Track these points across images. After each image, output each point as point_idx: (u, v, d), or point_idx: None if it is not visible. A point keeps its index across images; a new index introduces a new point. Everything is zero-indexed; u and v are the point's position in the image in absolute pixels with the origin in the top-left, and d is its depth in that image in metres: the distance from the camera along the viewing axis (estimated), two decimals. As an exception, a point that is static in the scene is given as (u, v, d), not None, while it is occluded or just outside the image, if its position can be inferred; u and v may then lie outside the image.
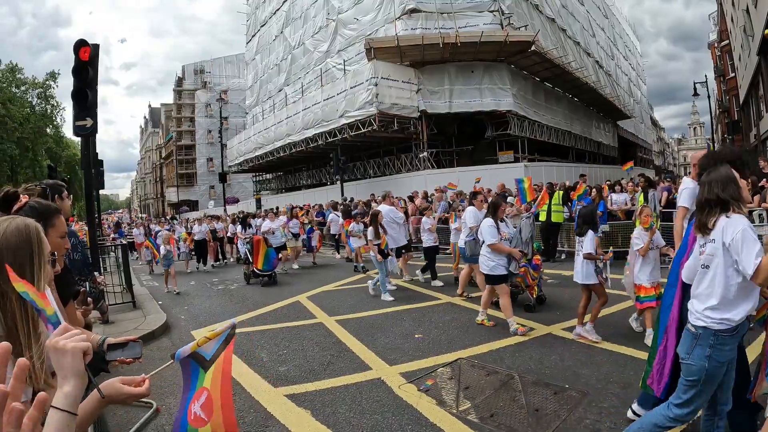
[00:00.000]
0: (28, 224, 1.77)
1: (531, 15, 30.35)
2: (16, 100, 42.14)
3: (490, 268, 7.87)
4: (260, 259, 14.32)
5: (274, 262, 14.63)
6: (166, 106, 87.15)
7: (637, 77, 58.76)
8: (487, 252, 7.90)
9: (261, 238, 14.88)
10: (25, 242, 1.72)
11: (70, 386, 1.42)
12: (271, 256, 14.52)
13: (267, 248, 14.59)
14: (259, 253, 14.37)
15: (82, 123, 8.86)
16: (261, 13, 45.32)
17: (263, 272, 14.36)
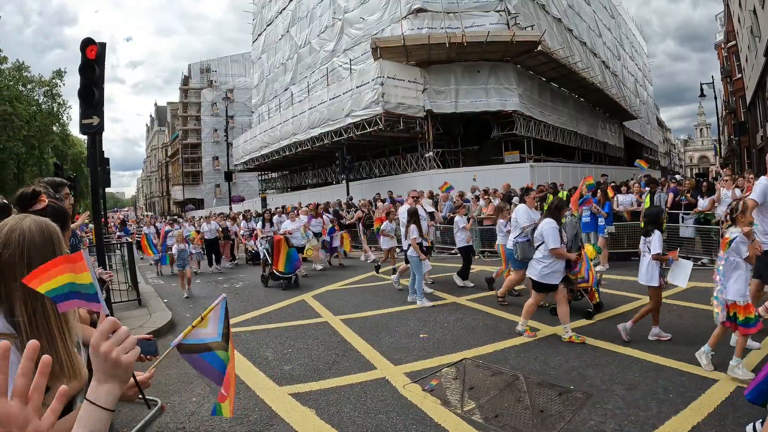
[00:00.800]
0: (49, 224, 1.77)
1: (537, 15, 30.28)
2: (22, 99, 42.16)
3: (541, 275, 7.21)
4: (281, 260, 13.24)
5: (297, 263, 13.51)
6: (172, 105, 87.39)
7: (643, 78, 58.59)
8: (543, 256, 7.19)
9: (282, 237, 13.70)
10: (49, 242, 1.72)
11: (114, 387, 1.40)
12: (293, 257, 13.37)
13: (289, 248, 13.43)
14: (279, 254, 13.28)
15: (89, 121, 8.86)
16: (267, 12, 45.39)
17: (284, 275, 13.26)
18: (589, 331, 7.49)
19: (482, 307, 9.49)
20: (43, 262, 1.64)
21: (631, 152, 53.04)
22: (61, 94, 46.26)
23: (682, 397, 5.00)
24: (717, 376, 5.43)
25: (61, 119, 47.36)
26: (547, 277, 7.19)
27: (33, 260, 1.65)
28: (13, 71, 42.38)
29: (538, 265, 7.27)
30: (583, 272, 8.12)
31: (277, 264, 13.29)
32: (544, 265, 7.19)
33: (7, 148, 39.72)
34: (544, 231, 7.20)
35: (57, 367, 1.60)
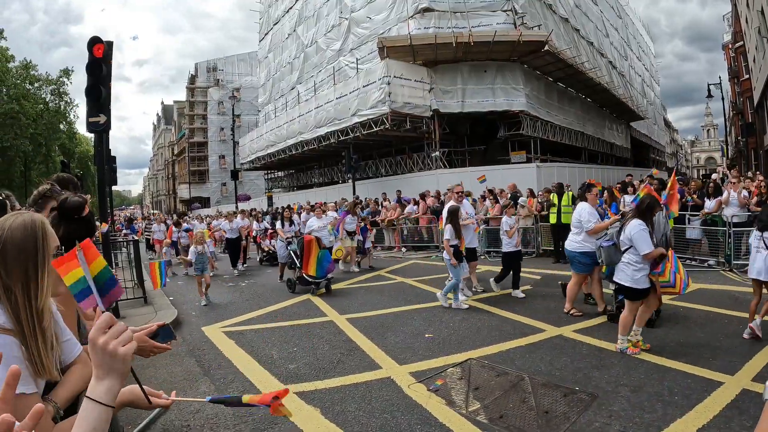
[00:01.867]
0: (34, 219, 1.77)
1: (544, 15, 30.23)
2: (29, 97, 42.36)
3: (635, 280, 6.47)
4: (312, 263, 11.95)
5: (329, 267, 12.14)
6: (179, 104, 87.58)
7: (650, 78, 58.44)
8: (634, 260, 6.49)
9: (313, 237, 12.52)
10: (30, 237, 1.72)
11: (114, 382, 1.41)
12: (326, 259, 12.11)
13: (320, 250, 12.20)
14: (310, 256, 12.03)
15: (96, 119, 8.90)
16: (274, 11, 45.47)
17: (315, 279, 11.90)
18: (595, 332, 7.47)
19: (487, 308, 9.48)
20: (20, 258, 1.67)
21: (637, 153, 52.94)
22: (68, 93, 46.46)
23: (688, 399, 4.98)
24: (723, 379, 5.41)
25: (68, 117, 47.55)
26: (641, 281, 6.48)
27: (8, 255, 1.68)
28: (21, 70, 42.58)
29: (629, 269, 6.55)
30: (668, 275, 6.84)
31: (307, 267, 12.00)
32: (636, 269, 6.48)
33: (14, 146, 39.92)
34: (633, 234, 6.46)
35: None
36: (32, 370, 1.64)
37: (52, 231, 1.80)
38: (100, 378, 1.39)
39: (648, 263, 6.47)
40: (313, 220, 14.40)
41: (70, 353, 1.92)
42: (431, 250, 18.80)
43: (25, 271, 1.69)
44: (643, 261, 6.43)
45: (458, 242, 9.73)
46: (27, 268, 1.69)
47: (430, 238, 19.41)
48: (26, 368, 1.62)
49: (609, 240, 7.26)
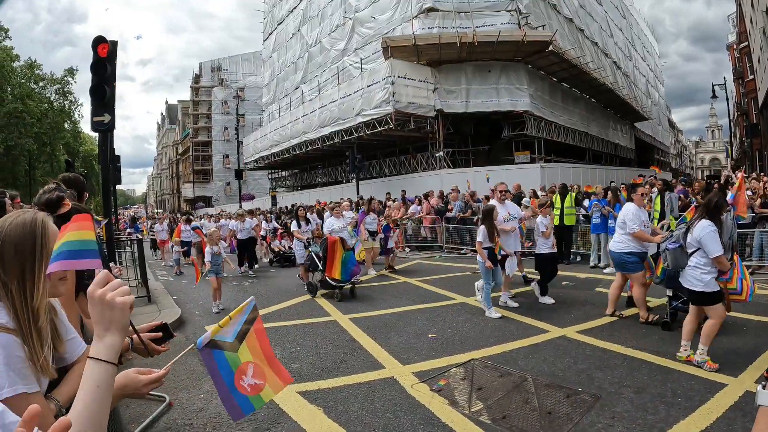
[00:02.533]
0: (35, 218, 1.78)
1: (549, 15, 30.20)
2: (34, 96, 42.53)
3: (705, 283, 6.04)
4: (336, 266, 11.23)
5: (355, 269, 11.47)
6: (183, 103, 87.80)
7: (654, 78, 58.35)
8: (703, 263, 6.07)
9: (338, 238, 11.71)
10: (29, 235, 1.73)
11: (115, 338, 1.43)
12: (351, 262, 11.42)
13: (345, 251, 11.47)
14: (335, 258, 11.28)
15: (100, 119, 8.92)
16: (278, 11, 45.52)
17: (340, 283, 11.16)
18: (598, 333, 7.46)
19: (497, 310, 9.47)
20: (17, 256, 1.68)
21: (642, 153, 52.86)
22: (73, 92, 46.59)
23: (691, 401, 4.97)
24: (726, 381, 5.40)
25: (72, 116, 47.68)
26: (711, 283, 6.04)
27: (5, 253, 1.70)
28: (25, 69, 42.75)
29: (697, 272, 6.13)
30: (735, 282, 6.44)
31: (331, 270, 11.23)
32: (705, 272, 6.05)
33: (19, 145, 40.05)
34: (702, 236, 6.06)
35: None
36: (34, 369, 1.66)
37: (54, 230, 1.81)
38: (100, 336, 1.42)
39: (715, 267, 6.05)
40: (333, 220, 13.27)
41: (74, 351, 1.93)
42: (435, 250, 18.81)
43: (22, 270, 1.70)
44: (711, 264, 6.05)
45: (492, 245, 9.04)
46: (24, 267, 1.70)
47: (434, 238, 19.42)
48: (29, 367, 1.63)
49: (675, 242, 6.71)
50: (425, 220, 19.68)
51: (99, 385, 1.37)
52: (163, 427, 5.09)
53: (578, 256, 15.04)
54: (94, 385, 1.37)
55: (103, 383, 1.38)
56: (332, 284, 11.18)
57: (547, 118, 30.74)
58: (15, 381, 1.57)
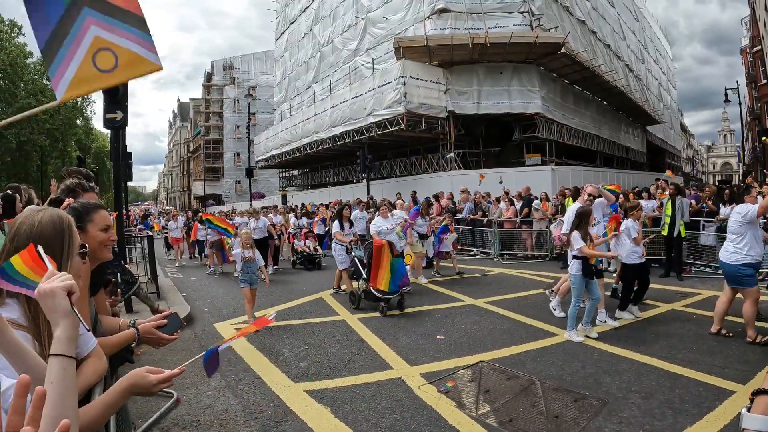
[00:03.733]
0: (62, 216, 1.82)
1: (561, 17, 30.08)
2: (47, 92, 42.83)
3: None
4: (383, 275, 9.65)
5: (404, 279, 9.87)
6: (195, 101, 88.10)
7: (667, 82, 58.05)
8: None
9: (385, 242, 10.10)
10: (59, 233, 1.77)
11: (60, 329, 1.47)
12: (400, 270, 9.81)
13: (393, 257, 9.88)
14: (381, 265, 9.73)
15: (113, 116, 8.98)
16: (290, 10, 45.59)
17: (387, 294, 9.56)
18: (606, 337, 7.44)
19: (500, 310, 9.45)
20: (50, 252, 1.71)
21: (653, 157, 52.60)
22: (86, 89, 46.82)
23: (699, 407, 4.95)
24: (735, 388, 5.37)
25: (84, 113, 48.03)
26: None
27: None
28: (39, 65, 43.06)
29: None
30: None
31: (376, 279, 9.69)
32: None
33: (31, 141, 40.43)
34: None
35: None
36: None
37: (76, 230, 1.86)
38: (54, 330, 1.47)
39: None
40: (380, 220, 11.63)
41: (85, 347, 1.95)
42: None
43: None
44: None
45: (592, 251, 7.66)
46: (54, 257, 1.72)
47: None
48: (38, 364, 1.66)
49: None
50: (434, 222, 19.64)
51: (52, 381, 1.40)
52: (171, 423, 5.11)
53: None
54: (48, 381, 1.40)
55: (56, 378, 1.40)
56: (377, 296, 9.62)
57: (559, 120, 30.62)
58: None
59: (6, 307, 1.70)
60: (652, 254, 13.53)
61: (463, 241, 18.24)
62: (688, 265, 12.89)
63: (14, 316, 1.68)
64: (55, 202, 2.82)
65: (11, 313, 1.68)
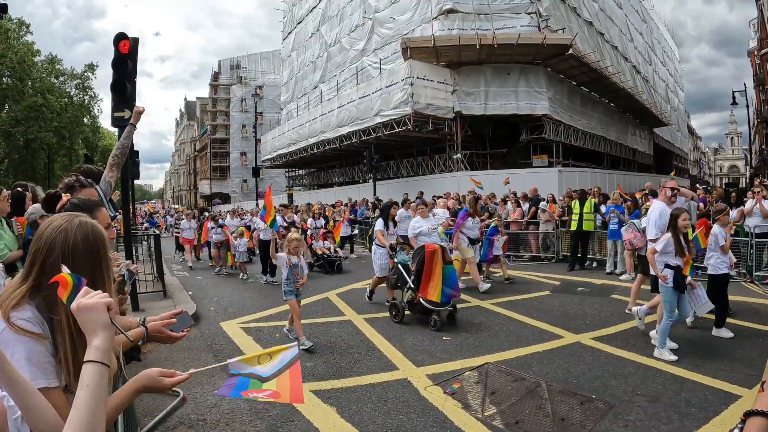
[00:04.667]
0: (95, 230, 1.84)
1: (569, 18, 30.03)
2: (54, 91, 43.14)
3: None
4: (436, 284, 8.53)
5: (456, 289, 8.81)
6: (202, 100, 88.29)
7: (674, 84, 57.83)
8: None
9: (438, 247, 8.94)
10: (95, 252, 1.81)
11: (100, 339, 1.51)
12: (452, 278, 8.76)
13: (446, 264, 8.78)
14: (434, 274, 8.63)
15: (121, 114, 9.01)
16: (298, 10, 45.66)
17: (438, 306, 8.49)
18: (613, 340, 7.42)
19: (506, 312, 9.44)
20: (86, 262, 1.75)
21: (660, 160, 52.43)
22: (93, 87, 47.13)
23: (705, 411, 4.94)
24: (741, 392, 5.35)
25: (92, 111, 48.24)
26: None
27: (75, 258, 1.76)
28: (46, 64, 43.35)
29: None
30: None
31: (426, 289, 8.59)
32: None
33: (39, 138, 40.64)
34: None
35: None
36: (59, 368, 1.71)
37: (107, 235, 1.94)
38: (89, 342, 1.51)
39: None
40: (419, 220, 10.36)
41: None
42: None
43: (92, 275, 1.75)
44: None
45: (681, 261, 6.70)
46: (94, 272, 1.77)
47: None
48: (51, 363, 1.70)
49: None
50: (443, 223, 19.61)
51: (88, 384, 1.44)
52: (177, 422, 5.13)
53: (594, 262, 14.97)
54: (84, 385, 1.44)
55: (92, 382, 1.45)
56: (428, 308, 8.50)
57: (566, 122, 30.54)
58: (36, 375, 1.63)
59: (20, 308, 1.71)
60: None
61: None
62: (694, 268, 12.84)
63: (26, 316, 1.70)
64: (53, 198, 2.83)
65: (22, 314, 1.70)
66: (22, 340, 1.65)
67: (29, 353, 1.65)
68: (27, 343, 1.65)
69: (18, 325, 1.66)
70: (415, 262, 9.03)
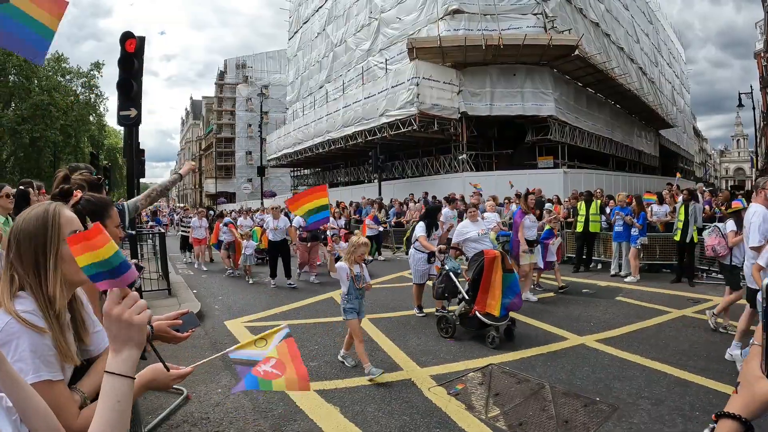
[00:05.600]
0: (47, 208, 1.84)
1: (575, 19, 29.98)
2: (61, 89, 43.31)
3: None
4: (496, 296, 7.56)
5: (516, 300, 7.76)
6: (207, 99, 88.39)
7: (680, 85, 57.64)
8: None
9: (498, 253, 7.91)
10: (41, 227, 1.80)
11: (131, 352, 1.44)
12: (513, 287, 7.81)
13: (506, 273, 7.78)
14: (494, 284, 7.64)
15: (127, 113, 9.03)
16: (304, 10, 45.70)
17: (497, 321, 7.49)
18: (617, 342, 7.41)
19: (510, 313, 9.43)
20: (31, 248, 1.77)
21: (666, 161, 52.29)
22: (99, 86, 47.30)
23: (709, 415, 4.90)
24: (747, 394, 5.32)
25: (97, 110, 48.41)
26: None
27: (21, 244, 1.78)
28: (53, 62, 43.49)
29: None
30: None
31: (483, 302, 7.62)
32: None
33: (44, 137, 40.80)
34: None
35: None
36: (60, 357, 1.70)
37: (68, 218, 1.87)
38: (117, 351, 1.43)
39: None
40: (467, 224, 9.27)
41: (99, 344, 1.96)
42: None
43: (35, 260, 1.77)
44: None
45: None
46: (37, 257, 1.77)
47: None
48: (54, 355, 1.70)
49: None
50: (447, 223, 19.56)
51: (120, 400, 1.39)
52: (180, 420, 5.14)
53: (599, 264, 14.96)
54: (115, 401, 1.39)
55: (123, 398, 1.40)
56: (485, 322, 7.49)
57: (572, 123, 30.46)
58: (39, 368, 1.63)
59: (19, 299, 1.72)
60: (664, 259, 13.57)
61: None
62: (699, 271, 12.83)
63: (29, 308, 1.70)
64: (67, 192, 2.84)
65: (25, 305, 1.70)
66: (27, 333, 1.65)
67: (34, 345, 1.64)
68: (32, 335, 1.65)
69: (23, 318, 1.66)
70: (472, 270, 7.98)
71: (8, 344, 1.62)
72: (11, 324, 1.64)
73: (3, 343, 1.62)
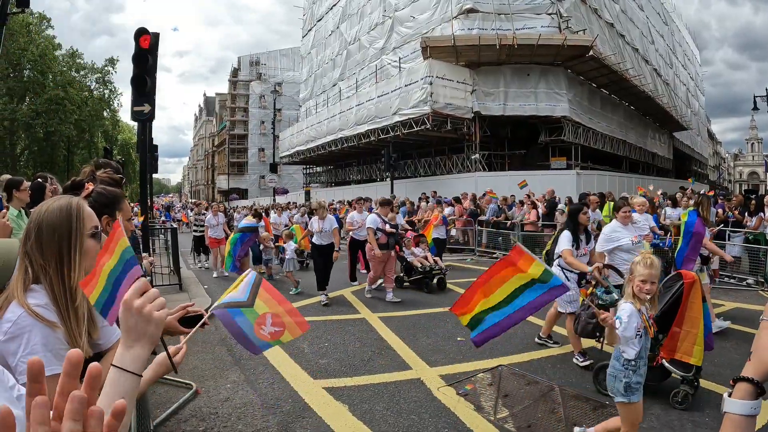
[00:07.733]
0: (70, 201, 1.85)
1: (590, 19, 29.77)
2: (75, 84, 43.68)
3: None
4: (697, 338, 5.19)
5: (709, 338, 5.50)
6: (221, 96, 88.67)
7: (695, 87, 57.21)
8: None
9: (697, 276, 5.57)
10: (65, 219, 1.80)
11: (143, 350, 1.40)
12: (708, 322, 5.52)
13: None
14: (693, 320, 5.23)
15: (140, 109, 9.08)
16: (318, 8, 45.74)
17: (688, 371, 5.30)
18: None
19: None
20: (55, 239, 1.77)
21: (680, 164, 51.98)
22: (113, 81, 47.64)
23: (718, 420, 4.86)
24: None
25: (111, 105, 48.78)
26: None
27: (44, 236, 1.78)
28: (67, 58, 43.91)
29: None
30: None
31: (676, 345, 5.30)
32: None
33: (59, 131, 41.14)
34: None
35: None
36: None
37: (89, 212, 1.90)
38: (128, 346, 1.38)
39: None
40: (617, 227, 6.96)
41: (108, 338, 1.96)
42: (466, 253, 18.73)
43: (60, 252, 1.78)
44: None
45: None
46: (61, 249, 1.78)
47: (466, 242, 19.37)
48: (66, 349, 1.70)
49: None
50: (457, 222, 19.59)
51: (124, 396, 1.33)
52: (189, 414, 5.17)
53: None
54: (119, 397, 1.31)
55: (128, 394, 1.35)
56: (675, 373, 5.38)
57: (585, 124, 30.31)
58: (51, 361, 1.63)
59: (31, 292, 1.73)
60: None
61: (486, 243, 18.22)
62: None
63: (41, 302, 1.71)
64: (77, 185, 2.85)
65: (37, 299, 1.71)
66: (39, 326, 1.66)
67: (45, 339, 1.66)
68: (44, 329, 1.67)
69: (35, 311, 1.67)
70: (665, 301, 5.23)
71: (20, 337, 1.63)
72: (23, 317, 1.65)
73: (15, 336, 1.63)
